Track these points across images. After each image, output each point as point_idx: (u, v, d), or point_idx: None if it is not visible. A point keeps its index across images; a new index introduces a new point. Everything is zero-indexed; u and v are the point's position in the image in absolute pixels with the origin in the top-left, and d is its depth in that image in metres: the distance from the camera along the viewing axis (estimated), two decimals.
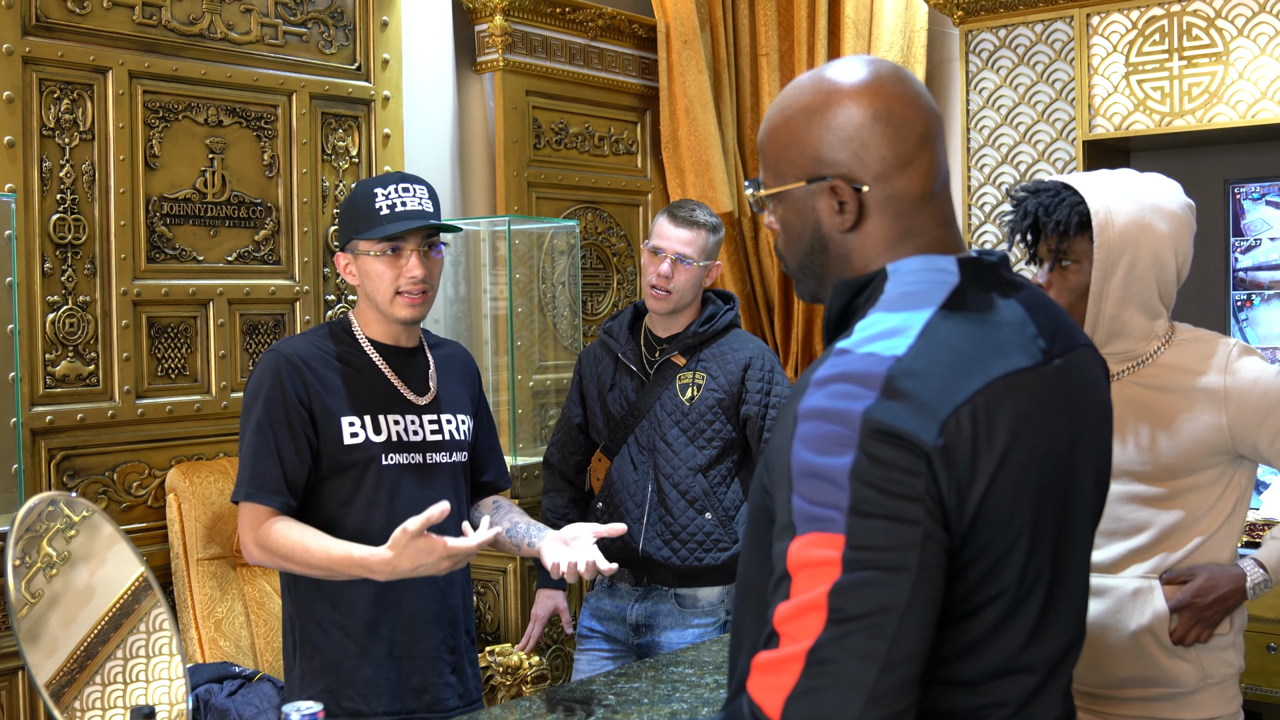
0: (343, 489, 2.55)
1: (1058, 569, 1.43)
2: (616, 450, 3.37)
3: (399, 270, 2.54)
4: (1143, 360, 2.34)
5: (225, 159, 3.76)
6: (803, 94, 1.50)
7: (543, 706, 2.58)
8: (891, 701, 1.25)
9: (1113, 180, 2.32)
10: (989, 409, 1.32)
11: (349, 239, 2.59)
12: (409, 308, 2.57)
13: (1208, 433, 2.27)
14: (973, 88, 4.79)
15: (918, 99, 1.47)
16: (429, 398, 2.66)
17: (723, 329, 3.35)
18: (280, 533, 2.44)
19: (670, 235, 3.26)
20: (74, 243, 3.43)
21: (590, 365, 3.48)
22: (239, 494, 2.50)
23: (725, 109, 4.96)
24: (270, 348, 2.60)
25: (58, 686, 2.23)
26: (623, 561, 3.32)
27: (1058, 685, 1.48)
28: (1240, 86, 4.09)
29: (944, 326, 1.36)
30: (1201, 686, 2.32)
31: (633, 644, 3.37)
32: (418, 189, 2.57)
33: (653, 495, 3.29)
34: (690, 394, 3.28)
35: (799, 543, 1.27)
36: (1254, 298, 4.25)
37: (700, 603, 3.31)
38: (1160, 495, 2.31)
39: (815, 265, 1.52)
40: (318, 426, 2.53)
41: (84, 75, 3.45)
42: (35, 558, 2.31)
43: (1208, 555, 2.32)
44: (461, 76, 4.58)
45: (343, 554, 2.38)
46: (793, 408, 1.33)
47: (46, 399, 3.38)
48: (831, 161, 1.46)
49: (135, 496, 3.57)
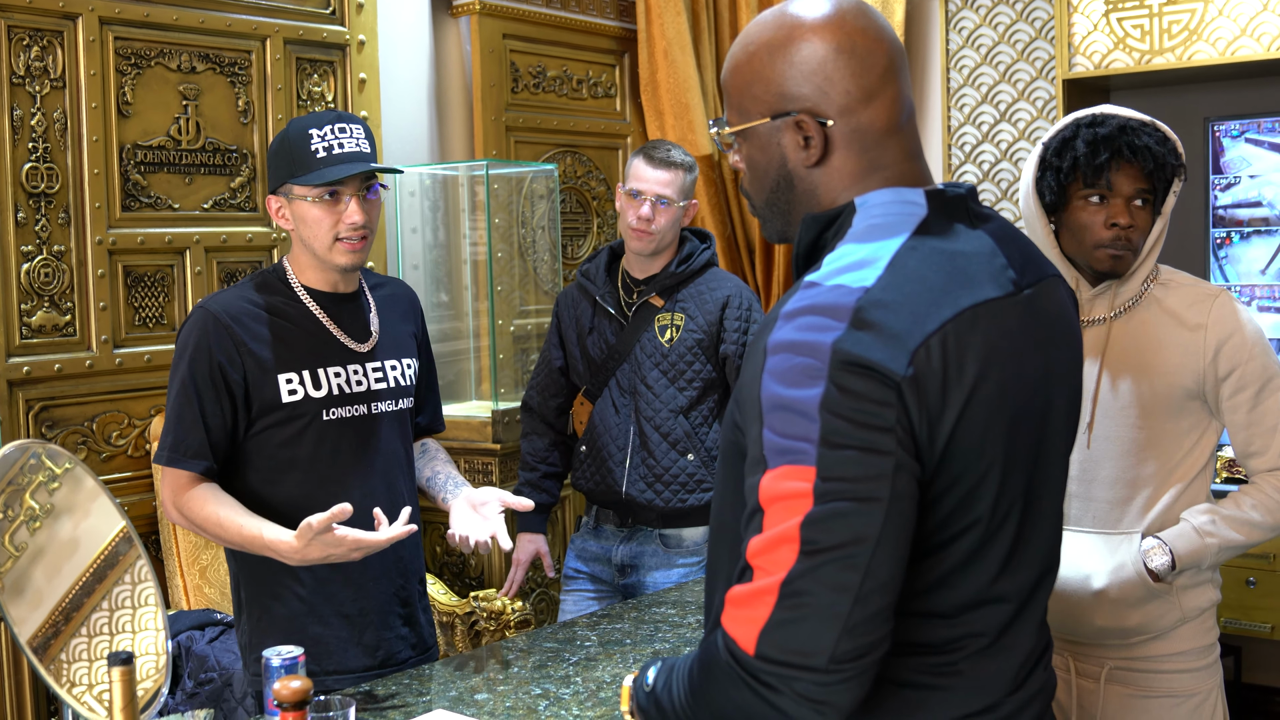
0: (284, 444, 2.47)
1: (1030, 499, 1.44)
2: (598, 394, 3.37)
3: (337, 216, 2.42)
4: (1131, 301, 2.35)
5: (199, 105, 3.73)
6: (765, 29, 1.49)
7: (526, 648, 2.59)
8: (865, 632, 1.26)
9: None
10: (959, 339, 1.32)
11: (282, 182, 2.45)
12: (348, 254, 2.46)
13: (1183, 374, 2.28)
14: (952, 27, 4.76)
15: (880, 32, 1.46)
16: (370, 344, 2.56)
17: (700, 268, 3.33)
18: (198, 502, 2.39)
19: (649, 177, 3.25)
20: (47, 192, 3.40)
21: (568, 308, 3.46)
22: (160, 457, 2.43)
23: (704, 51, 4.92)
24: (199, 304, 2.49)
25: (43, 639, 2.23)
26: (606, 504, 3.35)
27: (1033, 615, 1.49)
28: (1220, 23, 4.07)
29: (912, 257, 1.35)
30: (1179, 625, 2.34)
31: (618, 584, 3.38)
32: (354, 129, 2.45)
33: (635, 438, 3.29)
34: (669, 335, 3.28)
35: (770, 476, 1.28)
36: (1233, 235, 4.25)
37: (685, 542, 3.32)
38: (1138, 442, 2.32)
39: (781, 202, 1.52)
40: (251, 384, 2.44)
41: (53, 22, 3.41)
42: (18, 510, 2.30)
43: (1186, 503, 2.33)
44: (437, 20, 4.54)
45: (254, 534, 2.34)
46: (762, 341, 1.33)
47: (23, 349, 3.36)
48: (796, 96, 1.45)
49: (115, 446, 3.57)
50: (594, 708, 2.22)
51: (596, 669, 2.43)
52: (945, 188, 1.47)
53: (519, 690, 2.34)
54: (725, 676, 1.31)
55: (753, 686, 1.28)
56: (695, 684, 1.37)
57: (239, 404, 2.44)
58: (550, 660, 2.50)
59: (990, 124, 4.71)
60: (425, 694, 2.34)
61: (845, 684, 1.26)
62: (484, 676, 2.43)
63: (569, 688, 2.33)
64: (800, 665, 1.25)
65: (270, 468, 2.48)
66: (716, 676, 1.32)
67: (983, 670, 1.42)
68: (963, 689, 1.41)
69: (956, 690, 1.41)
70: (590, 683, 2.36)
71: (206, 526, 2.39)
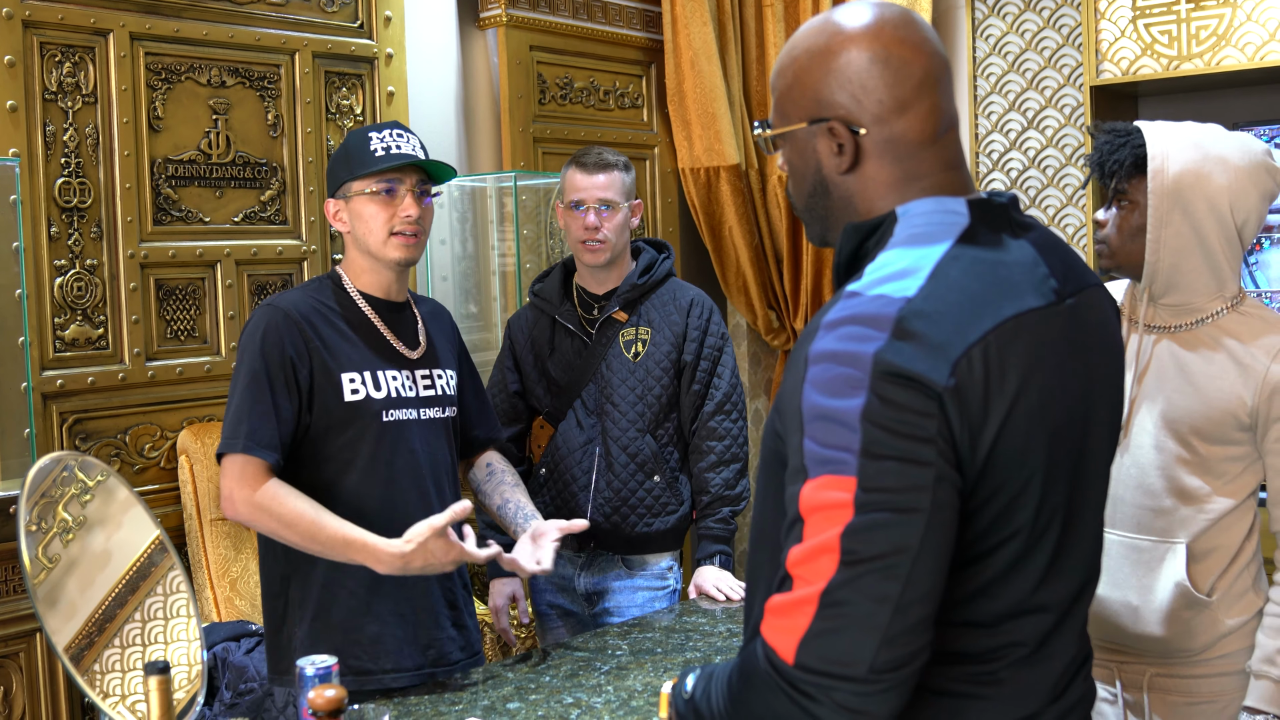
0: (344, 446, 2.51)
1: (1071, 509, 1.43)
2: (561, 416, 3.24)
3: (393, 210, 2.52)
4: (1201, 319, 2.32)
5: (229, 120, 3.75)
6: (809, 36, 1.51)
7: (556, 658, 2.60)
8: (905, 642, 1.26)
9: (1182, 129, 2.31)
10: (1001, 349, 1.32)
11: (342, 182, 2.56)
12: (403, 248, 2.54)
13: (1234, 404, 2.25)
14: (979, 34, 4.75)
15: (921, 43, 1.47)
16: (420, 352, 2.64)
17: (662, 278, 3.23)
18: (283, 497, 2.39)
19: (586, 185, 3.14)
20: (79, 206, 3.42)
21: (522, 330, 3.30)
22: (232, 445, 2.42)
23: (730, 61, 4.93)
24: (265, 302, 2.56)
25: (77, 650, 2.24)
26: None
27: (1074, 625, 1.48)
28: (1248, 29, 4.05)
29: (954, 267, 1.35)
30: (1220, 639, 2.31)
31: (587, 614, 3.25)
32: (411, 136, 2.58)
33: (600, 460, 3.17)
34: (635, 350, 3.17)
35: (811, 485, 1.28)
36: (1263, 241, 4.23)
37: (649, 564, 3.20)
38: (1186, 458, 2.30)
39: (819, 208, 1.53)
40: (316, 383, 2.49)
41: (85, 38, 3.44)
42: (51, 523, 2.31)
43: (1228, 523, 2.30)
44: (465, 32, 4.56)
45: (356, 537, 2.36)
46: (803, 351, 1.33)
47: (56, 363, 3.39)
48: (831, 103, 1.47)
49: (148, 459, 3.59)
50: (626, 716, 2.22)
51: (628, 678, 2.43)
52: (988, 196, 1.47)
53: (551, 699, 2.34)
54: (764, 686, 1.31)
55: (792, 696, 1.28)
56: (734, 692, 1.37)
57: (303, 401, 2.48)
58: (582, 669, 2.50)
59: (1018, 131, 4.70)
60: (458, 703, 2.35)
61: (884, 694, 1.26)
62: (515, 685, 2.43)
63: (600, 696, 2.34)
64: (840, 675, 1.25)
65: (329, 468, 2.51)
66: (756, 685, 1.32)
67: (1023, 680, 1.41)
68: (1002, 698, 1.41)
69: (996, 700, 1.40)
70: (622, 691, 2.36)
71: (297, 523, 2.38)
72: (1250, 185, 2.27)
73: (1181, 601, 2.28)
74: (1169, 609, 2.29)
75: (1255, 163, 2.29)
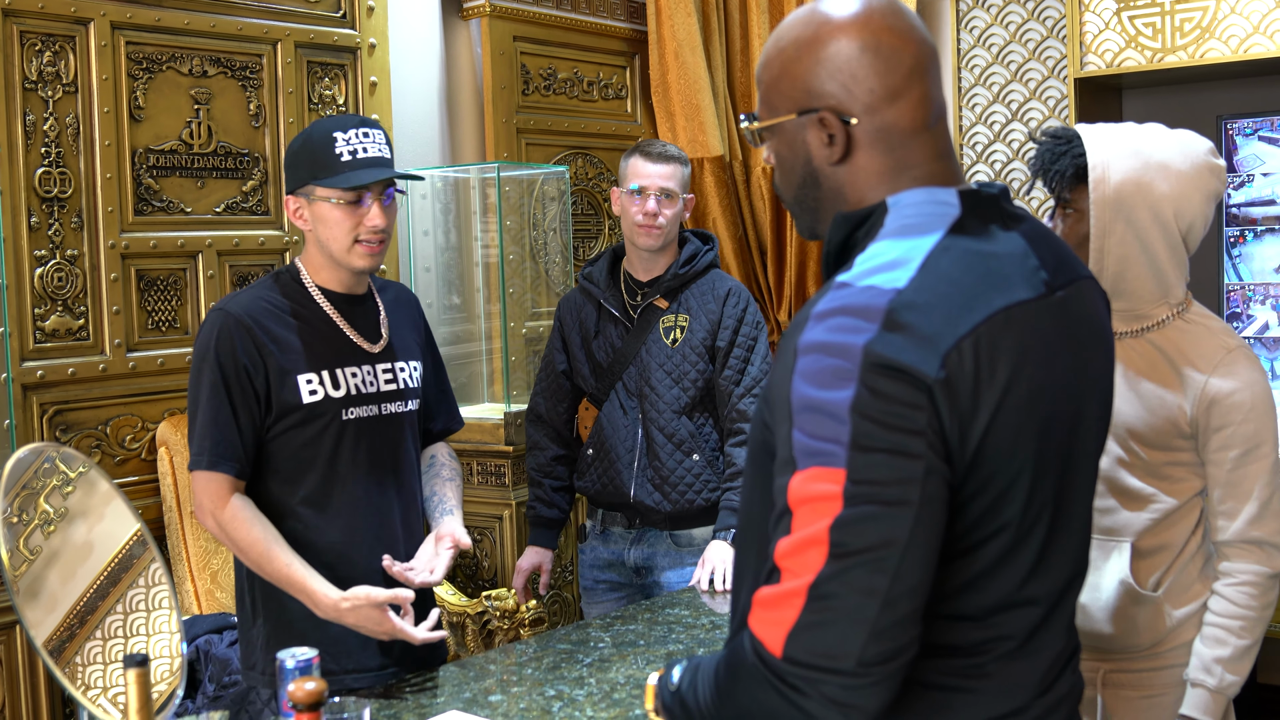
0: (305, 445, 2.47)
1: (1060, 502, 1.43)
2: (605, 398, 3.37)
3: (358, 219, 2.44)
4: (1147, 326, 2.31)
5: (211, 110, 3.72)
6: (796, 26, 1.49)
7: (540, 650, 2.59)
8: (893, 635, 1.25)
9: (1122, 135, 2.28)
10: (991, 341, 1.31)
11: (304, 182, 2.46)
12: (367, 257, 2.48)
13: (1175, 413, 2.25)
14: (963, 26, 4.75)
15: (909, 32, 1.46)
16: (381, 345, 2.58)
17: (703, 269, 3.36)
18: (241, 520, 2.40)
19: (651, 172, 3.27)
20: (60, 196, 3.40)
21: (571, 313, 3.45)
22: (199, 462, 2.41)
23: (715, 52, 4.92)
24: (216, 305, 2.50)
25: (58, 642, 2.23)
26: (613, 506, 3.36)
27: (1062, 618, 1.48)
28: (1232, 21, 4.06)
29: (945, 259, 1.34)
30: (1169, 630, 2.31)
31: (637, 585, 3.41)
32: (375, 134, 2.48)
33: (642, 441, 3.30)
34: (674, 336, 3.30)
35: (800, 477, 1.27)
36: (1247, 234, 4.23)
37: (696, 541, 3.33)
38: (1128, 461, 2.29)
39: (809, 199, 1.51)
40: (272, 387, 2.44)
41: (65, 27, 3.41)
42: (33, 515, 2.30)
43: (1173, 520, 2.30)
44: (448, 23, 4.54)
45: (298, 578, 2.37)
46: (792, 341, 1.32)
47: (36, 354, 3.37)
48: (821, 93, 1.45)
49: (129, 450, 3.57)
50: (608, 709, 2.22)
51: (610, 670, 2.43)
52: (979, 187, 1.46)
53: (533, 692, 2.34)
54: (752, 678, 1.30)
55: (779, 689, 1.27)
56: (721, 685, 1.37)
57: (262, 406, 2.45)
58: (564, 661, 2.49)
59: (1002, 123, 4.70)
60: (439, 695, 2.34)
61: (872, 687, 1.25)
62: (497, 678, 2.43)
63: (583, 689, 2.33)
64: (828, 668, 1.25)
65: (289, 469, 2.48)
66: (743, 678, 1.31)
67: (1011, 673, 1.41)
68: (991, 691, 1.40)
69: (984, 693, 1.40)
70: (604, 684, 2.35)
71: (249, 552, 2.40)
72: (1193, 189, 2.25)
73: (1127, 599, 2.28)
74: (1115, 606, 2.29)
75: (1198, 165, 2.26)
